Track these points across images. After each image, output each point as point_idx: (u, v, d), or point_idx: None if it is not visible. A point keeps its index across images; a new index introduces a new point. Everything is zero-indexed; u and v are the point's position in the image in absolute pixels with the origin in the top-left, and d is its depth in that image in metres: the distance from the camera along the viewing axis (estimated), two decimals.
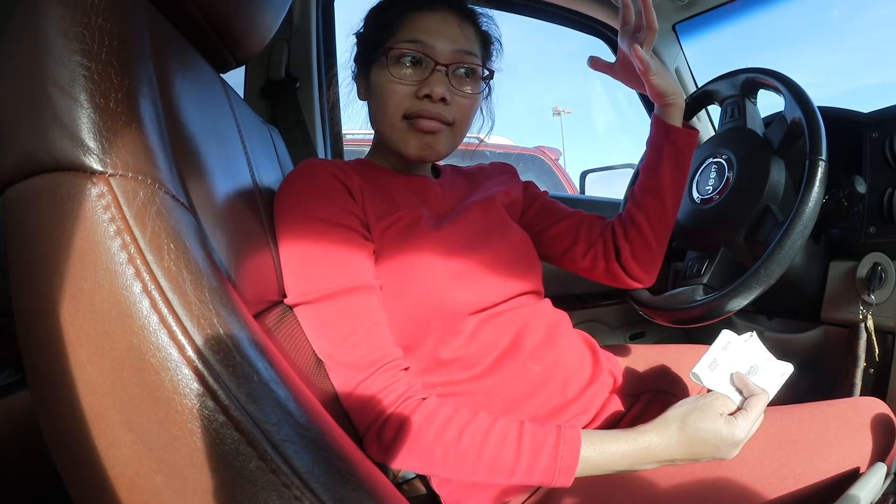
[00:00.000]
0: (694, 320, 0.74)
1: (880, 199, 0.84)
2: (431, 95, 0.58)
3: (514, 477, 0.47)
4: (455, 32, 0.60)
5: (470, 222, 0.63)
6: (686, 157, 0.69)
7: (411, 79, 0.59)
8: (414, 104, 0.59)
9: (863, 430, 0.57)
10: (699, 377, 0.52)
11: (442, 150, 0.62)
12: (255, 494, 0.24)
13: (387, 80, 0.59)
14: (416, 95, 0.59)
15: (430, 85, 0.58)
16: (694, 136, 0.69)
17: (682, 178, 0.70)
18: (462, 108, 0.61)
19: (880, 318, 0.82)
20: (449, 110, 0.60)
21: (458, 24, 0.61)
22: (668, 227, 0.72)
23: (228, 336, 0.26)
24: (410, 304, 0.56)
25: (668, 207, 0.70)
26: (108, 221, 0.25)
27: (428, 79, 0.59)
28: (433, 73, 0.59)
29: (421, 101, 0.59)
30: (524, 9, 1.26)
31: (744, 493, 0.52)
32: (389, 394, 0.49)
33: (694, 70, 1.34)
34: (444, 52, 0.59)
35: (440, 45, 0.59)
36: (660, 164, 0.70)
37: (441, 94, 0.58)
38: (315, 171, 0.56)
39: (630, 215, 0.72)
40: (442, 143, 0.61)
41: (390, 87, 0.59)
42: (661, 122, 0.70)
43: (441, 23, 0.60)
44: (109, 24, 0.27)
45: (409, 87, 0.59)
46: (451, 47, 0.59)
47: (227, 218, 0.41)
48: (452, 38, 0.60)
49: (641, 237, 0.71)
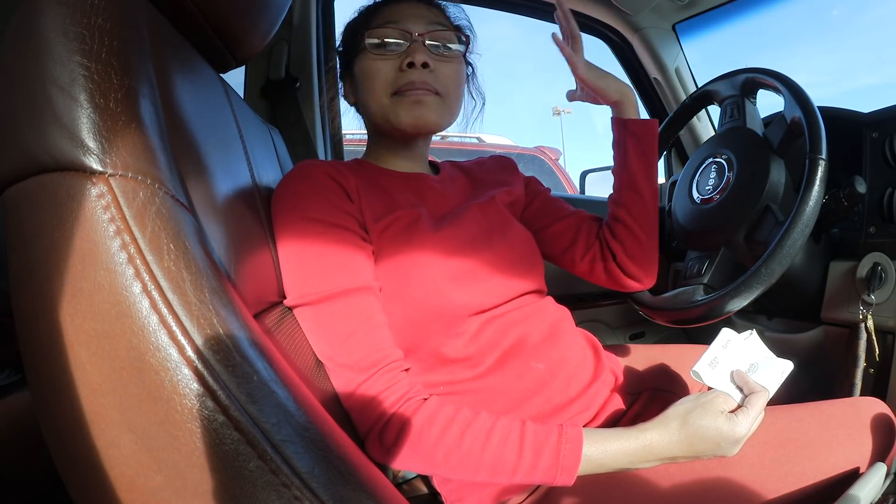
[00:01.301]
0: (694, 320, 0.74)
1: (880, 199, 0.84)
2: (414, 62, 0.60)
3: (516, 476, 0.47)
4: (425, 12, 0.64)
5: (470, 223, 0.63)
6: (649, 145, 0.72)
7: (392, 54, 0.61)
8: (399, 77, 0.61)
9: (863, 429, 0.57)
10: (699, 375, 0.52)
11: (434, 119, 0.62)
12: (255, 494, 0.24)
13: (369, 60, 0.62)
14: (399, 69, 0.60)
15: (411, 54, 0.60)
16: (653, 124, 0.72)
17: (651, 166, 0.73)
18: (447, 77, 0.62)
19: (880, 318, 0.82)
20: (434, 78, 0.61)
21: (427, 8, 0.64)
22: (652, 219, 0.73)
23: (228, 336, 0.26)
24: (410, 306, 0.56)
25: (646, 198, 0.72)
26: (108, 221, 0.25)
27: (408, 49, 0.61)
28: (412, 44, 0.61)
29: (405, 73, 0.60)
30: (524, 8, 1.26)
31: (744, 492, 0.52)
32: (390, 395, 0.49)
33: (694, 70, 1.34)
34: (417, 27, 0.62)
35: (413, 22, 0.62)
36: (627, 158, 0.72)
37: (423, 59, 0.60)
38: (311, 172, 0.56)
39: (614, 215, 0.74)
40: (433, 111, 0.62)
41: (374, 66, 0.61)
42: (619, 119, 0.73)
43: (411, 7, 0.63)
44: (109, 24, 0.27)
45: (392, 61, 0.61)
46: (424, 21, 0.62)
47: (227, 218, 0.41)
48: (424, 16, 0.63)
49: (629, 233, 0.72)
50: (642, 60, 1.33)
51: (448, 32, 0.64)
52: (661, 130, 0.97)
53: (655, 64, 1.31)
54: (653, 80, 1.34)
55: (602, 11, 1.25)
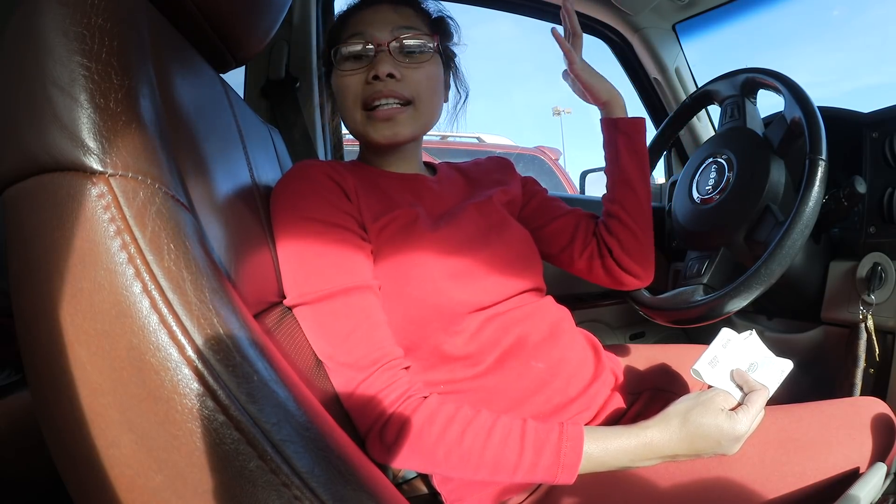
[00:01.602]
0: (694, 320, 0.74)
1: (880, 199, 0.84)
2: (378, 75, 0.59)
3: (517, 475, 0.47)
4: (390, 15, 0.62)
5: (467, 223, 0.63)
6: (638, 142, 0.74)
7: (358, 68, 0.61)
8: (365, 90, 0.60)
9: (863, 429, 0.57)
10: (700, 374, 0.53)
11: (408, 132, 0.62)
12: (255, 494, 0.24)
13: (338, 77, 0.62)
14: (366, 81, 0.60)
15: (376, 66, 0.59)
16: (640, 122, 0.74)
17: (642, 163, 0.74)
18: (417, 83, 0.61)
19: (880, 318, 0.82)
20: (403, 86, 0.60)
21: (394, 10, 0.62)
22: (647, 214, 0.74)
23: (228, 336, 0.26)
24: (409, 305, 0.56)
25: (639, 194, 0.73)
26: (108, 221, 0.25)
27: (373, 61, 0.60)
28: (376, 55, 0.60)
29: (371, 85, 0.60)
30: (524, 8, 1.26)
31: (744, 492, 0.52)
32: (390, 393, 0.49)
33: (694, 70, 1.34)
34: (382, 33, 0.60)
35: (377, 30, 0.60)
36: (619, 156, 0.74)
37: (386, 70, 0.59)
38: (309, 172, 0.56)
39: (608, 211, 0.75)
40: (405, 125, 0.61)
41: (343, 82, 0.61)
42: (608, 119, 0.75)
43: (374, 12, 0.62)
44: (109, 24, 0.27)
45: (359, 76, 0.60)
46: (388, 27, 0.61)
47: (227, 218, 0.41)
48: (389, 20, 0.61)
49: (625, 228, 0.73)
50: (642, 60, 1.33)
51: (416, 33, 0.61)
52: (661, 130, 0.97)
53: (655, 64, 1.31)
54: (653, 80, 1.34)
55: (602, 11, 1.26)
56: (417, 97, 0.61)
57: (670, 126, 0.97)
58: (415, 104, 0.61)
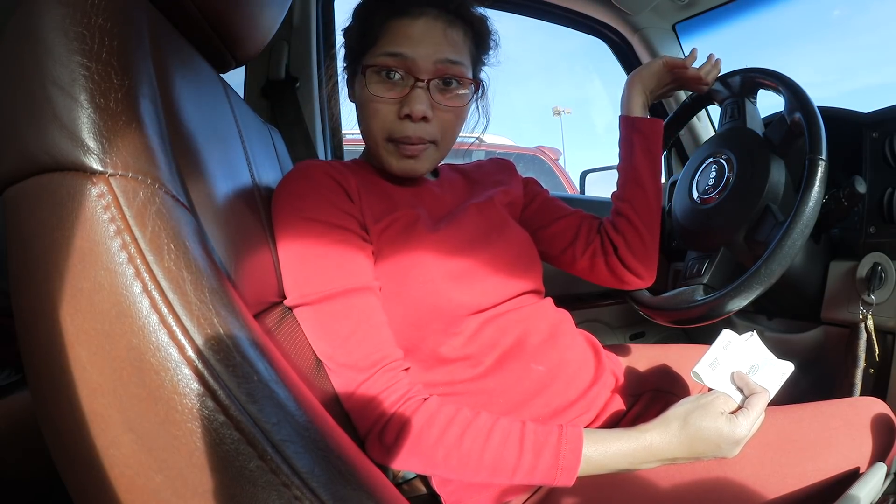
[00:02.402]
0: (694, 320, 0.74)
1: (880, 199, 0.84)
2: (412, 115, 0.56)
3: (516, 477, 0.47)
4: (439, 39, 0.56)
5: (468, 224, 0.63)
6: (655, 143, 0.75)
7: (392, 96, 0.57)
8: (395, 127, 0.57)
9: (863, 430, 0.57)
10: (700, 376, 0.52)
11: (425, 168, 0.61)
12: (255, 494, 0.24)
13: (368, 98, 0.57)
14: (398, 115, 0.57)
15: (411, 104, 0.56)
16: (658, 123, 0.75)
17: (655, 163, 0.75)
18: (446, 123, 0.59)
19: (880, 318, 0.82)
20: (431, 128, 0.58)
21: (444, 30, 0.57)
22: (654, 215, 0.74)
23: (228, 336, 0.26)
24: (409, 306, 0.56)
25: (649, 194, 0.74)
26: (108, 221, 0.25)
27: (408, 96, 0.56)
28: (413, 89, 0.56)
29: (402, 123, 0.57)
30: (524, 8, 1.26)
31: (744, 493, 0.52)
32: (391, 395, 0.49)
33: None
34: (425, 64, 0.56)
35: (421, 56, 0.56)
36: (632, 154, 0.74)
37: (421, 112, 0.56)
38: (311, 172, 0.56)
39: (617, 209, 0.75)
40: (425, 161, 0.60)
41: (372, 107, 0.57)
42: (627, 118, 0.76)
43: (424, 30, 0.56)
44: (109, 24, 0.27)
45: (391, 106, 0.57)
46: (433, 58, 0.56)
47: (227, 218, 0.41)
48: (436, 46, 0.56)
49: (631, 227, 0.73)
50: (642, 60, 1.33)
51: (459, 69, 0.58)
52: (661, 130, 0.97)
53: None
54: None
55: (602, 11, 1.25)
56: (443, 137, 0.60)
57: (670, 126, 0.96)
58: (438, 144, 0.60)
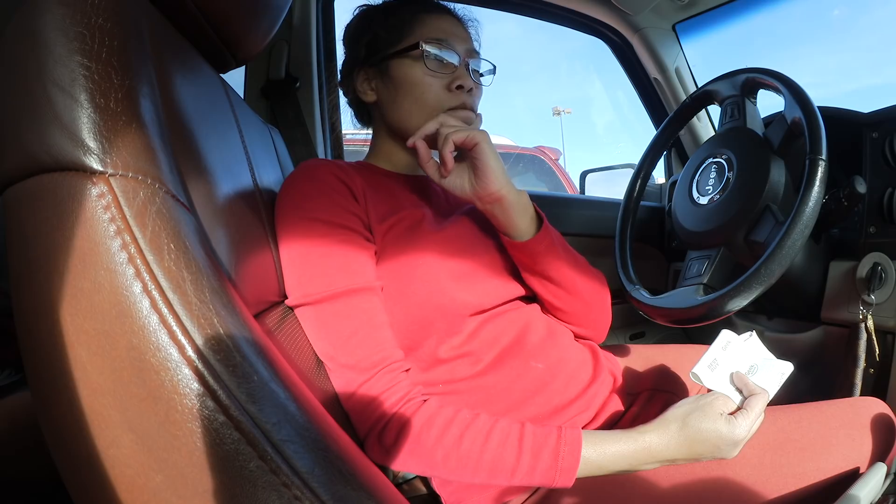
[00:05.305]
0: (694, 320, 0.74)
1: (880, 199, 0.84)
2: (464, 85, 0.62)
3: (515, 478, 0.47)
4: (464, 34, 0.66)
5: (471, 224, 0.63)
6: (539, 263, 0.60)
7: (444, 73, 0.63)
8: (450, 98, 0.63)
9: (863, 430, 0.57)
10: (699, 377, 0.52)
11: None
12: (255, 494, 0.24)
13: (423, 73, 0.62)
14: (447, 88, 0.62)
15: (462, 77, 0.62)
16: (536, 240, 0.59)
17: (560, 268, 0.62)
18: (478, 101, 0.67)
19: (880, 318, 0.82)
20: (475, 101, 0.65)
21: (464, 28, 0.67)
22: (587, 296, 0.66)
23: (228, 336, 0.26)
24: (412, 305, 0.56)
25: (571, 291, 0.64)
26: (109, 221, 0.25)
27: (457, 71, 0.63)
28: (460, 66, 0.63)
29: (456, 95, 0.63)
30: (524, 8, 1.26)
31: (744, 493, 0.52)
32: (391, 396, 0.49)
33: (694, 70, 1.34)
34: (462, 49, 0.64)
35: (457, 43, 0.64)
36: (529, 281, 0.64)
37: (471, 84, 0.63)
38: (317, 171, 0.56)
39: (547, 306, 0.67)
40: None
41: (427, 81, 0.62)
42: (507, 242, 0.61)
43: (452, 25, 0.65)
44: (109, 24, 0.27)
45: (443, 80, 0.62)
46: (465, 46, 0.65)
47: (228, 218, 0.41)
48: (464, 38, 0.66)
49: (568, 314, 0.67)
50: (642, 60, 1.33)
51: (479, 59, 0.67)
52: (661, 130, 0.97)
53: (655, 64, 1.31)
54: (653, 80, 1.34)
55: (602, 11, 1.25)
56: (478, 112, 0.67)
57: (670, 126, 0.96)
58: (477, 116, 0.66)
